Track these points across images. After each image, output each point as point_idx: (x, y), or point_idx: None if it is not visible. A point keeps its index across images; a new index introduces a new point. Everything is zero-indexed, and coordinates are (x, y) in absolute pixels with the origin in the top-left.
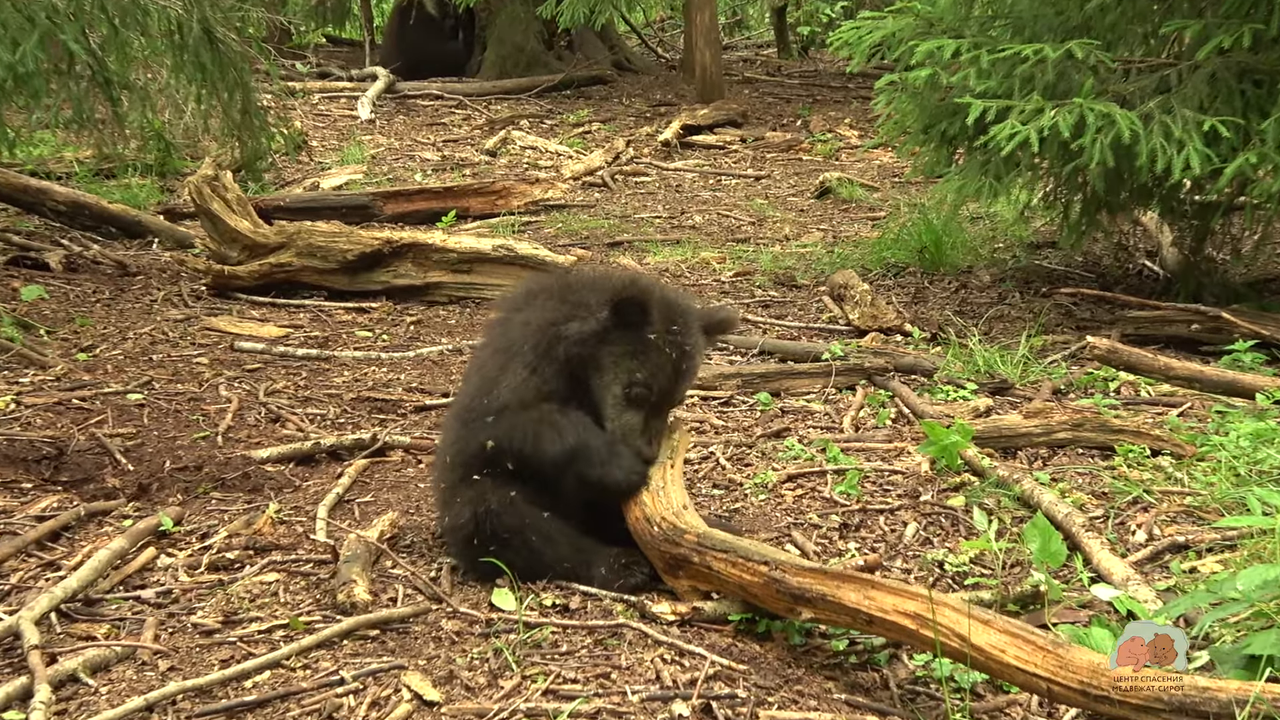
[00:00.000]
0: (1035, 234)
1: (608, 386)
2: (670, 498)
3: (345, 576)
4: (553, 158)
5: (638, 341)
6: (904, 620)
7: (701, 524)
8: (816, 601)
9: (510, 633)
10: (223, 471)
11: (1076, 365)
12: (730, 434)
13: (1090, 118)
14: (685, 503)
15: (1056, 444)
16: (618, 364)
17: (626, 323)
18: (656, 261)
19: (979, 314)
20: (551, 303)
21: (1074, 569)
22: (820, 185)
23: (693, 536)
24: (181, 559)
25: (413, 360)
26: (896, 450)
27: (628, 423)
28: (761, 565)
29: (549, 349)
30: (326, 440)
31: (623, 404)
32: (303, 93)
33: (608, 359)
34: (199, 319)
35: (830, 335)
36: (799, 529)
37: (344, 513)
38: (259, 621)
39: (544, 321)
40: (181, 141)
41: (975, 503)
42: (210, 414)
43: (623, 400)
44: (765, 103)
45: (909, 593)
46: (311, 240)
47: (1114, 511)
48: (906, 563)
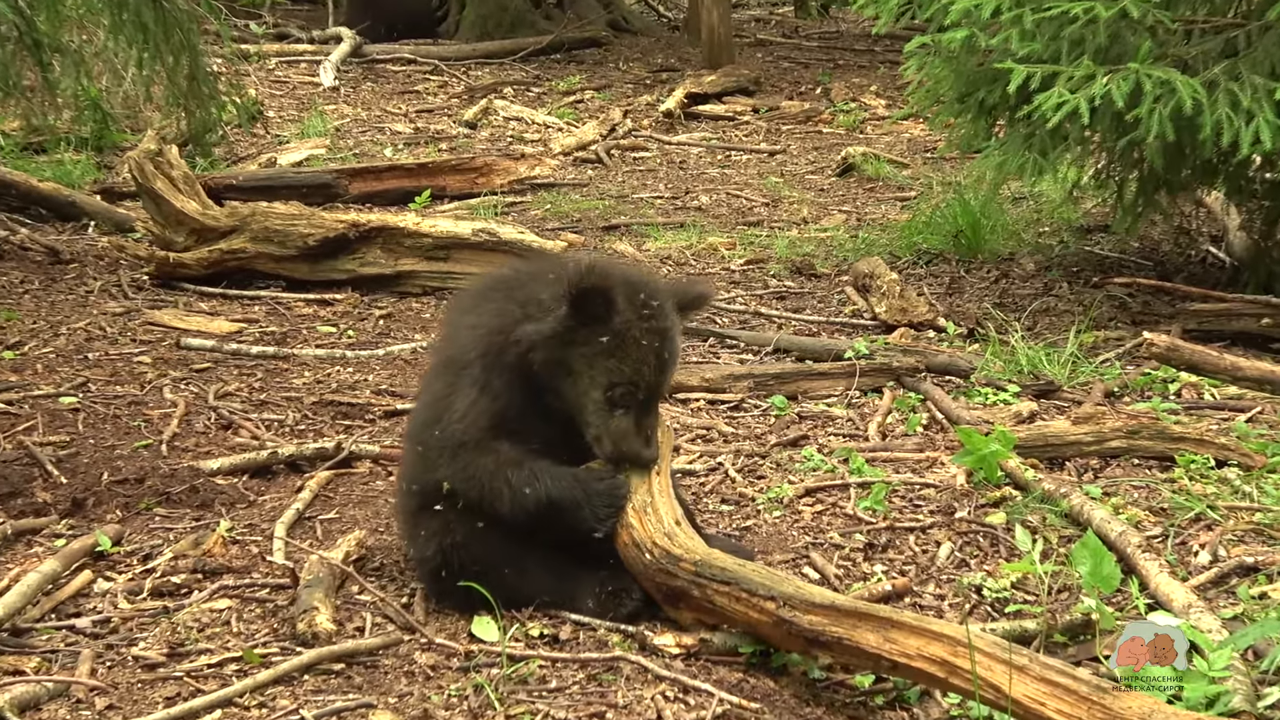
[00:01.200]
0: (1085, 217)
1: (585, 392)
2: (660, 515)
3: (306, 603)
4: (540, 130)
5: (609, 336)
6: (930, 667)
7: (699, 545)
8: (833, 645)
9: (493, 666)
10: (167, 485)
11: (1132, 365)
12: (741, 442)
13: (1147, 85)
14: (678, 516)
15: (1109, 454)
16: (592, 366)
17: (590, 317)
18: (657, 247)
19: (1022, 307)
20: (501, 302)
21: (1129, 595)
22: (842, 161)
23: (689, 565)
24: (121, 583)
25: (382, 359)
26: (928, 461)
27: (618, 428)
28: (769, 602)
29: (499, 359)
30: (285, 449)
31: (606, 409)
32: (258, 56)
33: (579, 362)
34: (140, 312)
35: (854, 331)
36: (818, 550)
37: (305, 531)
38: (208, 654)
39: (492, 326)
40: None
41: (1017, 520)
42: (153, 420)
43: (605, 405)
44: (780, 68)
45: (934, 633)
46: (268, 223)
47: (1174, 530)
48: (940, 587)
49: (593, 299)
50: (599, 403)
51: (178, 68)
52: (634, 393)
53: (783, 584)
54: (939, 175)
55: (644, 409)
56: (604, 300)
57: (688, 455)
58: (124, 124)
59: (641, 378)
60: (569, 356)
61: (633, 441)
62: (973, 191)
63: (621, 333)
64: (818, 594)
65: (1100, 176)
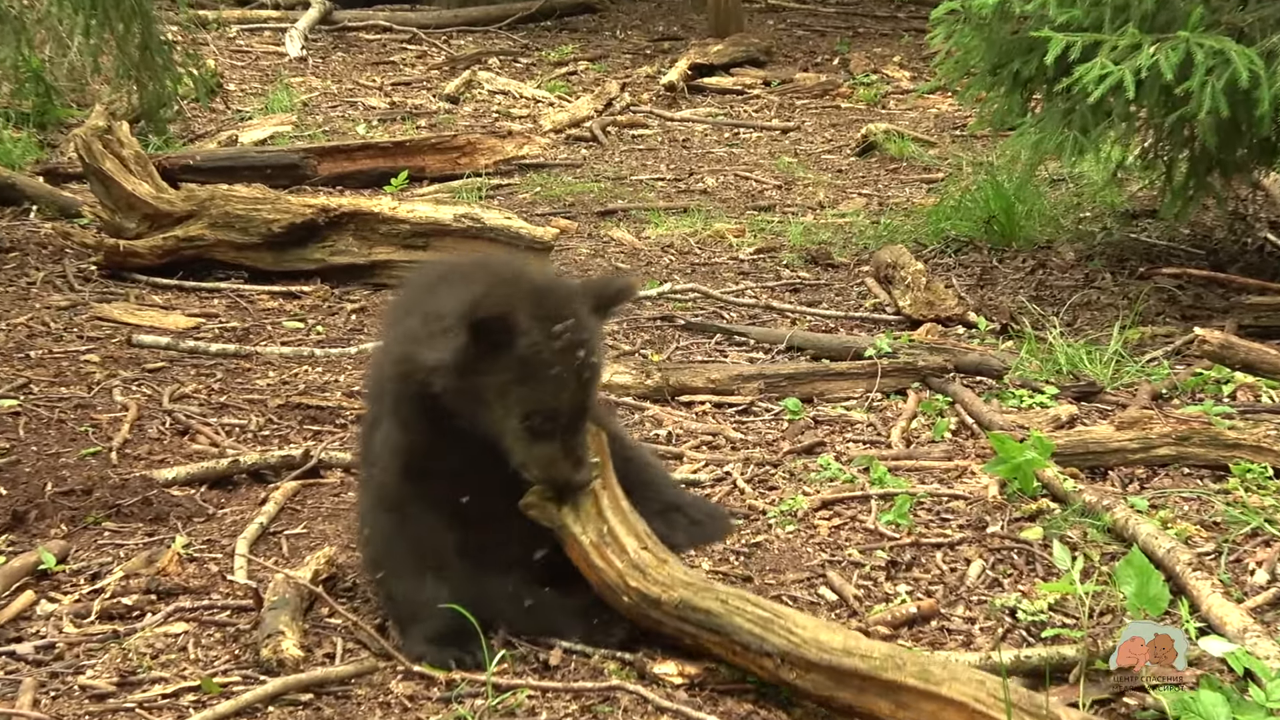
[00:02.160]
0: (1130, 201)
1: (501, 421)
2: (622, 543)
3: (271, 627)
4: (529, 105)
5: (517, 364)
6: None
7: (679, 573)
8: (842, 711)
9: (476, 697)
10: (118, 496)
11: (1182, 364)
12: (750, 450)
13: (1199, 55)
14: (642, 534)
15: (1157, 462)
16: (504, 396)
17: (492, 344)
18: (658, 235)
19: (1060, 300)
20: (413, 315)
21: (1178, 617)
22: (862, 139)
23: (671, 609)
24: (67, 605)
25: (354, 358)
26: (957, 470)
27: (541, 456)
28: (765, 659)
29: (406, 385)
30: (247, 457)
31: (527, 438)
32: (217, 24)
33: (489, 392)
34: (88, 306)
35: (875, 327)
36: (836, 568)
37: (269, 548)
38: (163, 683)
39: (401, 351)
40: (66, 85)
41: (1055, 535)
42: (102, 425)
43: (526, 434)
44: (794, 36)
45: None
46: (228, 208)
47: (1228, 546)
48: (969, 610)
49: (492, 327)
50: (518, 432)
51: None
52: (555, 419)
53: (775, 632)
54: (969, 155)
55: (569, 431)
56: (504, 327)
57: (691, 464)
58: (69, 98)
59: (560, 403)
60: (477, 386)
61: (561, 468)
62: (1006, 173)
63: (530, 359)
64: (815, 646)
65: (1147, 156)
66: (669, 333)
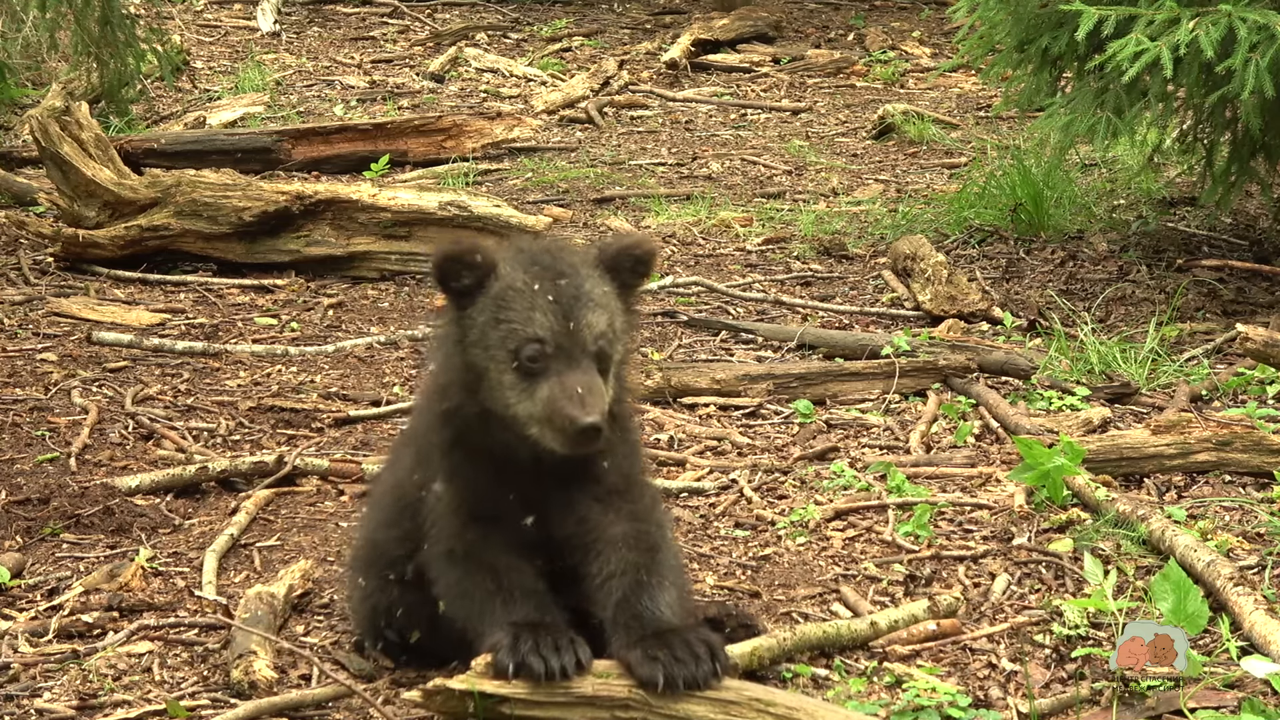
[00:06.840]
0: (1168, 187)
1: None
2: None
3: (242, 647)
4: (520, 84)
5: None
6: None
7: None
8: None
9: None
10: (77, 506)
11: (1223, 363)
12: (758, 455)
13: (1242, 30)
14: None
15: (1196, 469)
16: (489, 347)
17: (463, 292)
18: (659, 223)
19: (1092, 294)
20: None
21: (1218, 635)
22: (879, 121)
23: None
24: (22, 623)
25: (331, 356)
26: (981, 478)
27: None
28: None
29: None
30: (216, 464)
31: (523, 384)
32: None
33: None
34: (45, 300)
35: (893, 323)
36: (850, 582)
37: (240, 561)
38: (126, 706)
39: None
40: (20, 62)
41: (1086, 547)
42: (60, 428)
43: (520, 380)
44: (806, 10)
45: None
46: (196, 195)
47: (1272, 559)
48: (994, 627)
49: (451, 268)
50: (514, 384)
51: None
52: (542, 349)
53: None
54: (994, 138)
55: (566, 364)
56: (465, 265)
57: (695, 471)
58: (24, 77)
59: (542, 327)
60: (473, 359)
61: (563, 406)
62: (1034, 157)
63: (503, 292)
64: None
65: (1186, 140)
66: (671, 329)
